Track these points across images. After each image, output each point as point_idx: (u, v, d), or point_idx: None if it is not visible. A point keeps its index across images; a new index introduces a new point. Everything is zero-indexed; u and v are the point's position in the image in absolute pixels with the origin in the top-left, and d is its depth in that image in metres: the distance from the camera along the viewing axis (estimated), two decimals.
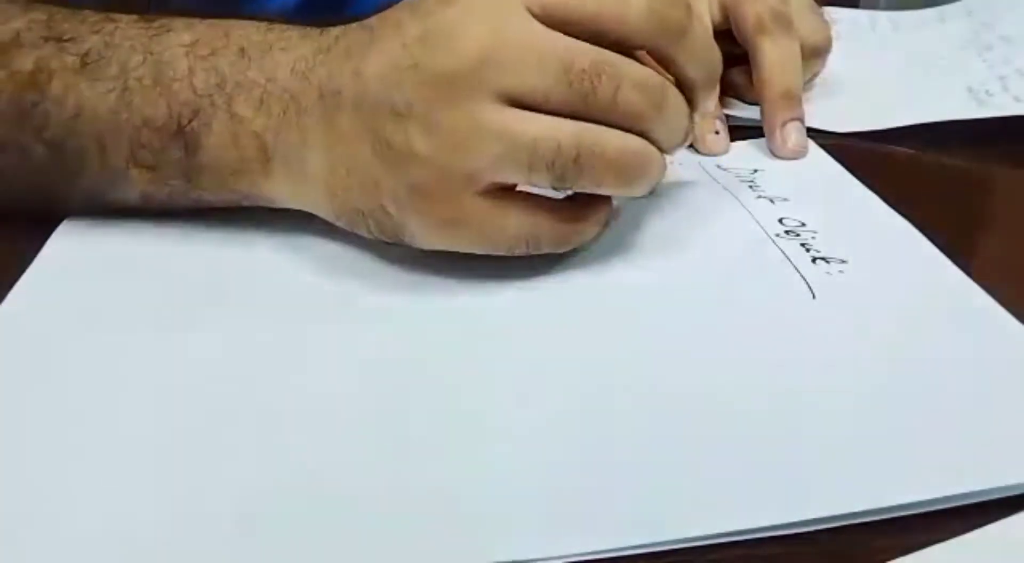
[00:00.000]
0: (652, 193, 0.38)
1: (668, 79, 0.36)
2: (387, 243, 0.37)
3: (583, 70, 0.34)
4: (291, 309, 0.37)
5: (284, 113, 0.36)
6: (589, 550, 0.26)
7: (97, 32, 0.38)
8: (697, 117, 0.39)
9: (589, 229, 0.38)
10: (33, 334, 0.35)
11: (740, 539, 0.27)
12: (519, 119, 0.34)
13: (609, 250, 0.40)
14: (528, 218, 0.36)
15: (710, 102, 0.40)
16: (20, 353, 0.34)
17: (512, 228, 0.36)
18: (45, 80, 0.38)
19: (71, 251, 0.40)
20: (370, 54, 0.35)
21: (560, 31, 0.34)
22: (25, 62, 0.38)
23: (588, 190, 0.36)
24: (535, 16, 0.34)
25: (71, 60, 0.38)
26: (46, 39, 0.38)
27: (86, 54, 0.38)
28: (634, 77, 0.35)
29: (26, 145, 0.38)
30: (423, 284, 0.37)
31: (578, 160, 0.34)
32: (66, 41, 0.38)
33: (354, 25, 0.37)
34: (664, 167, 0.37)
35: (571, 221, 0.37)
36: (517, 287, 0.37)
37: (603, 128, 0.34)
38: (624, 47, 0.35)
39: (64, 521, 0.27)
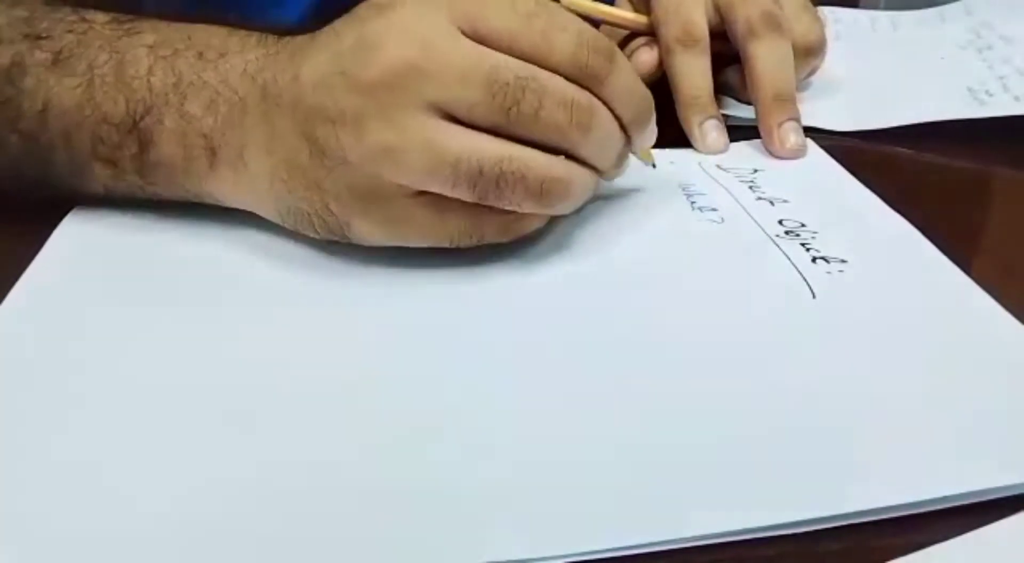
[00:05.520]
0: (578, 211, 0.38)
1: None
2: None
3: (507, 83, 0.34)
4: (292, 303, 0.37)
5: (230, 113, 0.37)
6: (587, 549, 0.26)
7: (71, 31, 0.40)
8: (634, 150, 0.40)
9: (532, 221, 0.38)
10: (36, 330, 0.35)
11: (740, 539, 0.27)
12: (445, 135, 0.34)
13: (609, 250, 0.40)
14: (467, 216, 0.36)
15: (643, 139, 0.40)
16: (23, 349, 0.34)
17: (452, 226, 0.37)
18: (19, 75, 0.39)
19: (74, 247, 0.40)
20: (307, 60, 0.36)
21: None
22: (3, 57, 0.40)
23: (509, 208, 0.36)
24: (464, 34, 0.34)
25: (44, 57, 0.39)
26: (25, 36, 0.40)
27: (59, 51, 0.39)
28: (558, 95, 0.35)
29: (3, 135, 0.40)
30: (420, 282, 0.37)
31: (499, 183, 0.35)
32: (43, 39, 0.40)
33: (305, 34, 0.38)
34: (592, 187, 0.38)
35: (510, 214, 0.37)
36: (513, 286, 0.37)
37: (529, 151, 0.35)
38: None
39: (69, 517, 0.27)
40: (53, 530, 0.27)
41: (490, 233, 0.37)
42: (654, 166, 0.44)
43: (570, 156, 0.36)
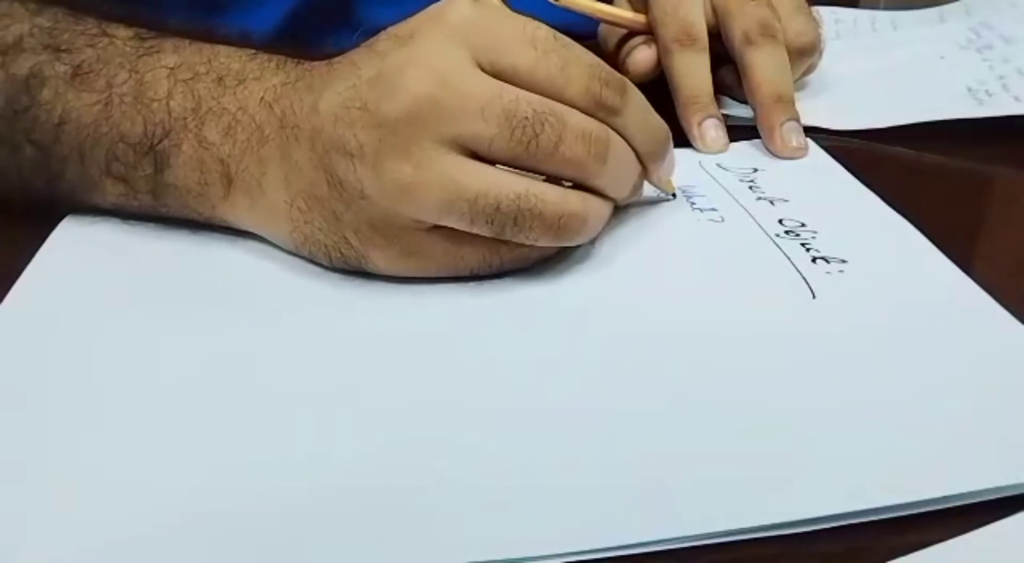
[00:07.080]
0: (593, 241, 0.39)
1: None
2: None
3: (525, 118, 0.34)
4: (291, 305, 0.37)
5: (248, 141, 0.37)
6: (586, 548, 0.26)
7: (92, 46, 0.40)
8: (654, 181, 0.41)
9: (549, 248, 0.38)
10: (35, 329, 0.35)
11: (740, 539, 0.27)
12: (464, 171, 0.34)
13: (610, 250, 0.40)
14: (483, 247, 0.36)
15: (662, 170, 0.41)
16: (21, 350, 0.34)
17: (469, 258, 0.37)
18: (37, 86, 0.39)
19: (73, 247, 0.40)
20: (326, 90, 0.36)
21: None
22: (23, 66, 0.40)
23: (527, 243, 0.36)
24: (482, 68, 0.35)
25: (64, 69, 0.39)
26: (46, 46, 0.40)
27: (79, 66, 0.39)
28: (577, 128, 0.35)
29: (17, 144, 0.40)
30: (422, 287, 0.37)
31: (516, 220, 0.35)
32: (63, 51, 0.40)
33: (323, 61, 0.38)
34: (606, 217, 0.38)
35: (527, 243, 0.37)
36: (515, 286, 0.37)
37: (545, 186, 0.35)
38: None
39: (69, 517, 0.27)
40: (53, 530, 0.27)
41: (508, 262, 0.37)
42: (674, 196, 0.44)
43: (586, 187, 0.36)
